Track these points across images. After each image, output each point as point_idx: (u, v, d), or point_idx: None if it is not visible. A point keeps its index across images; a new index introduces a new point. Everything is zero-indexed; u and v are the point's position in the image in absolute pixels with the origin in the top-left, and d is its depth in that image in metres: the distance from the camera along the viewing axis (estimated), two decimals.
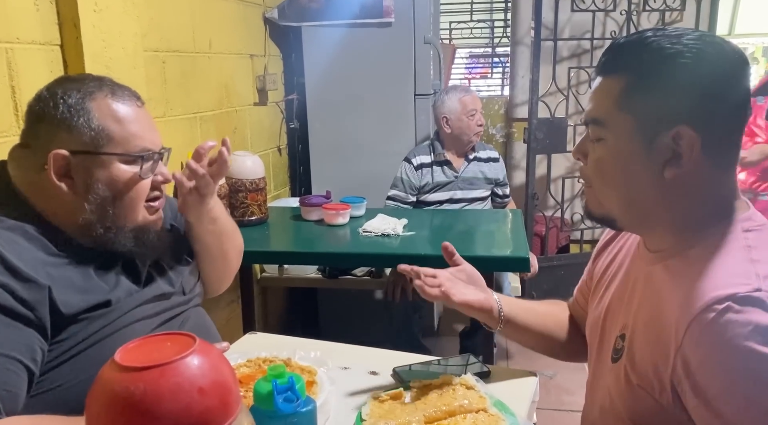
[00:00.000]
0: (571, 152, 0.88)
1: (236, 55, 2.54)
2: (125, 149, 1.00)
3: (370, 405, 0.99)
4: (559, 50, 3.37)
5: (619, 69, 0.78)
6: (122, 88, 1.04)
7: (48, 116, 0.97)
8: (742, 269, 0.71)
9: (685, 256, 0.78)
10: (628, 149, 0.78)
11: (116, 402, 0.53)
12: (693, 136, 0.74)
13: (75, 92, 0.98)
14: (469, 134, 2.62)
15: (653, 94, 0.75)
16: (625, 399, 0.82)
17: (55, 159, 0.95)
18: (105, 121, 0.98)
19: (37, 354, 0.89)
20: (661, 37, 0.76)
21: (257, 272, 2.68)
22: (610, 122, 0.79)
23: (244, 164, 2.23)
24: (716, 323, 0.67)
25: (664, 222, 0.81)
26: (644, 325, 0.80)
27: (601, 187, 0.83)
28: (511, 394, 1.05)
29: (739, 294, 0.68)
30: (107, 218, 1.00)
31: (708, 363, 0.68)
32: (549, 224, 3.36)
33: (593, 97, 0.82)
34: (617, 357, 0.85)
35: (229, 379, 0.58)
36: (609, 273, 0.99)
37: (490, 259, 1.86)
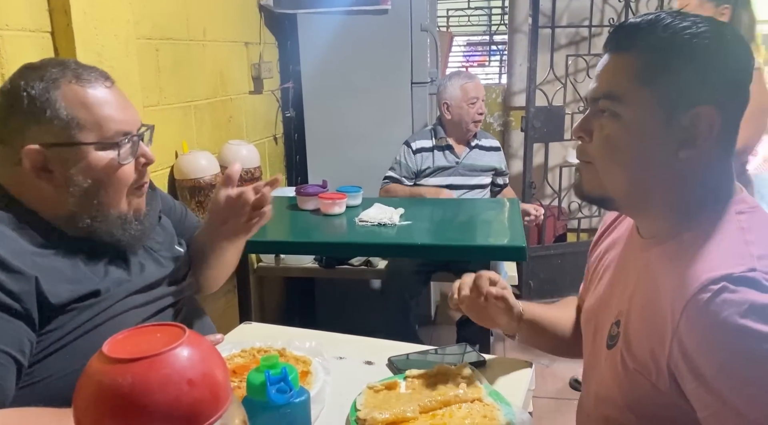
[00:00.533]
0: (572, 130, 0.86)
1: (231, 42, 2.51)
2: (99, 136, 0.96)
3: (364, 395, 0.98)
4: (557, 38, 3.34)
5: (638, 47, 0.77)
6: (87, 70, 0.98)
7: (15, 110, 0.93)
8: (736, 250, 0.72)
9: (680, 240, 0.78)
10: (645, 124, 0.77)
11: (104, 395, 0.52)
12: (714, 117, 0.74)
13: (38, 82, 0.93)
14: (468, 122, 2.62)
15: (677, 71, 0.75)
16: (622, 384, 0.82)
17: (29, 155, 0.92)
18: (73, 109, 0.93)
19: (25, 345, 0.88)
20: (678, 18, 0.76)
21: (254, 262, 2.67)
22: (629, 96, 0.77)
23: (239, 153, 2.23)
24: (712, 303, 0.68)
25: (661, 204, 0.80)
26: (640, 310, 0.80)
27: (608, 165, 0.81)
28: (507, 383, 1.05)
29: (734, 274, 0.68)
30: (92, 208, 0.97)
31: (705, 343, 0.68)
32: (546, 212, 3.35)
33: (604, 73, 0.80)
34: (612, 343, 0.85)
35: (220, 371, 0.57)
36: (603, 263, 0.99)
37: (486, 248, 1.86)
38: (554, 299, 3.61)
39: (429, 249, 1.90)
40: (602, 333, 0.90)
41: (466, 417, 0.93)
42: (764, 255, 0.70)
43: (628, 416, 0.83)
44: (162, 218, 1.23)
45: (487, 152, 2.72)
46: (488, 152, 2.72)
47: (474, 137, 2.70)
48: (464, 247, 1.88)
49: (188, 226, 1.33)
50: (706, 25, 0.75)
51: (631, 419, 0.83)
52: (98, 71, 1.00)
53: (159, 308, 1.08)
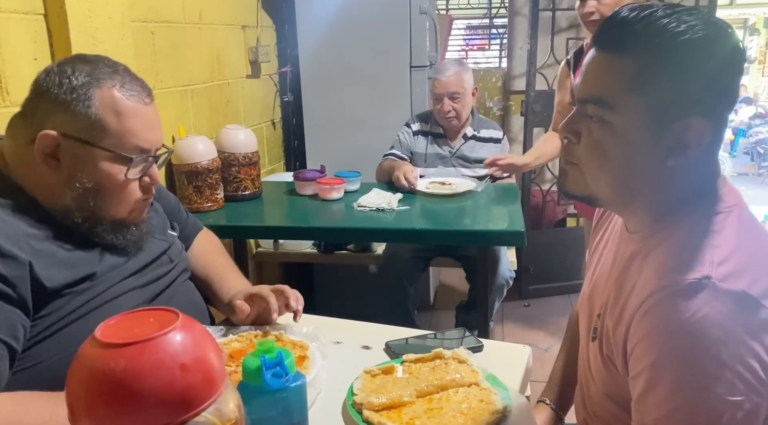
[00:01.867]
0: (559, 128, 0.84)
1: (228, 26, 2.49)
2: (117, 146, 0.96)
3: (361, 380, 0.98)
4: (558, 21, 3.31)
5: (631, 49, 0.73)
6: (134, 82, 0.99)
7: (50, 92, 0.93)
8: (699, 254, 0.72)
9: (659, 238, 0.78)
10: (635, 134, 0.74)
11: (96, 379, 0.52)
12: (705, 128, 0.73)
13: (83, 75, 0.94)
14: (439, 118, 2.52)
15: (670, 81, 0.72)
16: (601, 374, 0.85)
17: (43, 138, 0.92)
18: (104, 112, 0.94)
19: (18, 331, 0.87)
20: (673, 19, 0.72)
21: (252, 247, 2.67)
22: (620, 104, 0.74)
23: (236, 138, 2.21)
24: (660, 305, 0.70)
25: (646, 205, 0.80)
26: (613, 301, 0.82)
27: (594, 170, 0.79)
28: (505, 368, 1.05)
29: (686, 280, 0.69)
30: (87, 209, 0.97)
31: (645, 340, 0.71)
32: (546, 197, 3.34)
33: (594, 74, 0.77)
34: (595, 335, 0.87)
35: (213, 355, 0.57)
36: (598, 251, 0.99)
37: (485, 233, 1.85)
38: (553, 285, 3.62)
39: (428, 234, 1.89)
40: (590, 325, 0.91)
41: (463, 401, 0.93)
42: (725, 260, 0.70)
43: (609, 403, 0.86)
44: (154, 203, 1.22)
45: (485, 144, 2.58)
46: (485, 144, 2.58)
47: (471, 127, 2.58)
48: (463, 232, 1.87)
49: (179, 218, 1.34)
50: (702, 27, 0.71)
51: (612, 406, 0.86)
52: (144, 86, 1.00)
53: (153, 292, 1.08)
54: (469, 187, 2.23)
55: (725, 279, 0.69)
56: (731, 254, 0.71)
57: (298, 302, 1.15)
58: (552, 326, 2.97)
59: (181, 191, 2.04)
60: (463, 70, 2.46)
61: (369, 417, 0.89)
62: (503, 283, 2.43)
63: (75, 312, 0.93)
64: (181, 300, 1.13)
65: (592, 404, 0.91)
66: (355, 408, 0.92)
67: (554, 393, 1.12)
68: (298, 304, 1.15)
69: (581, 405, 0.97)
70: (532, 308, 3.22)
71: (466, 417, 0.89)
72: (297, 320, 1.17)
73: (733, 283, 0.68)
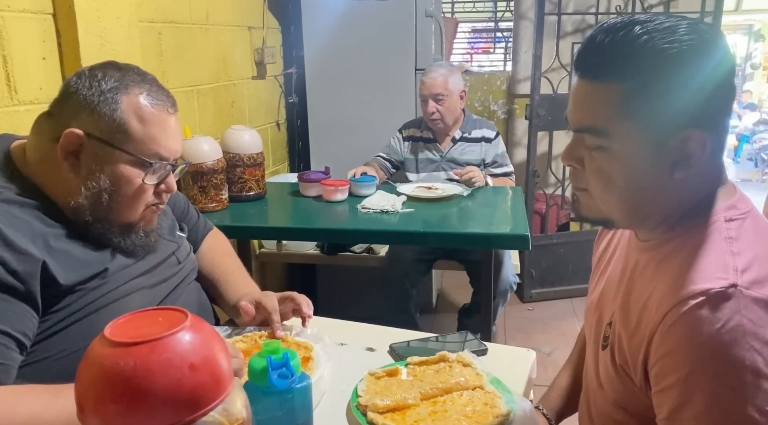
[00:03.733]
0: (561, 157, 0.83)
1: (234, 26, 2.50)
2: (138, 151, 0.98)
3: (366, 381, 0.98)
4: (563, 25, 3.31)
5: (613, 75, 0.72)
6: (161, 92, 1.01)
7: (79, 93, 0.96)
8: (721, 262, 0.70)
9: (671, 246, 0.77)
10: (635, 157, 0.74)
11: (106, 378, 0.52)
12: (703, 137, 0.72)
13: (113, 80, 0.96)
14: (426, 120, 2.51)
15: (659, 99, 0.71)
16: (612, 382, 0.84)
17: (68, 136, 0.94)
18: (128, 116, 0.96)
19: (28, 327, 0.88)
20: (654, 34, 0.70)
21: (256, 247, 2.67)
22: (614, 131, 0.73)
23: (241, 139, 2.21)
24: (688, 317, 0.68)
25: (657, 216, 0.79)
26: (627, 311, 0.81)
27: (602, 194, 0.79)
28: (509, 371, 1.05)
29: (712, 290, 0.68)
30: (99, 209, 0.98)
31: (675, 353, 0.69)
32: (549, 201, 3.34)
33: (584, 103, 0.76)
34: (606, 344, 0.86)
35: (222, 355, 0.57)
36: (606, 256, 0.98)
37: (489, 236, 1.85)
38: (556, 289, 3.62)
39: (432, 237, 1.89)
40: (599, 333, 0.90)
41: (467, 405, 0.93)
42: (748, 267, 0.69)
43: (619, 413, 0.85)
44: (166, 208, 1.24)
45: (476, 144, 2.56)
46: (476, 144, 2.56)
47: (461, 129, 2.56)
48: (467, 235, 1.87)
49: (189, 220, 1.35)
50: (686, 38, 0.69)
51: (624, 416, 0.85)
52: (169, 97, 1.03)
53: (161, 292, 1.08)
54: (455, 191, 2.24)
55: (751, 287, 0.68)
56: (753, 260, 0.70)
57: (310, 308, 1.16)
58: (554, 330, 2.96)
59: (186, 191, 2.04)
60: (449, 72, 2.45)
61: (373, 419, 0.89)
62: (507, 288, 2.43)
63: (84, 309, 0.94)
64: (188, 301, 1.14)
65: (599, 413, 0.90)
66: (359, 410, 0.92)
67: (553, 403, 1.11)
68: (309, 310, 1.16)
69: (586, 414, 0.97)
70: (535, 311, 3.22)
71: (471, 421, 0.89)
72: (305, 325, 1.17)
73: (759, 290, 0.67)
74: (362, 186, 2.20)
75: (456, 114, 2.52)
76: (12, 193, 0.94)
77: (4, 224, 0.88)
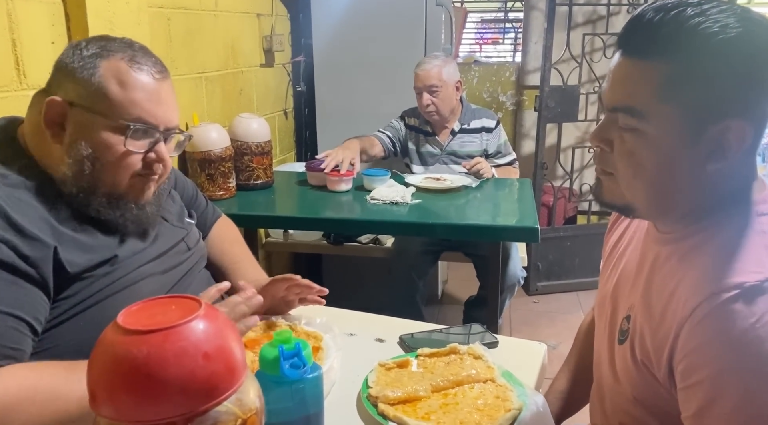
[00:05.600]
0: (589, 137, 0.81)
1: (243, 13, 2.47)
2: (118, 115, 0.94)
3: (376, 373, 0.98)
4: (574, 16, 3.27)
5: (660, 54, 0.69)
6: (147, 57, 0.98)
7: (63, 62, 0.96)
8: (754, 256, 0.68)
9: (697, 239, 0.75)
10: (671, 143, 0.71)
11: (119, 366, 0.51)
12: (745, 129, 0.69)
13: (96, 47, 0.95)
14: (422, 112, 2.48)
15: (703, 85, 0.68)
16: (631, 377, 0.81)
17: (49, 105, 0.93)
18: (107, 80, 0.94)
19: (40, 312, 0.88)
20: (705, 17, 0.67)
21: (262, 236, 2.66)
22: (652, 114, 0.70)
23: (249, 127, 2.20)
24: (721, 310, 0.66)
25: (682, 208, 0.76)
26: (650, 304, 0.78)
27: (631, 179, 0.76)
28: (520, 364, 1.04)
29: (747, 283, 0.66)
30: (82, 178, 0.95)
31: (707, 348, 0.67)
32: (557, 194, 3.32)
33: (623, 81, 0.73)
34: (623, 338, 0.84)
35: (235, 344, 0.56)
36: (619, 248, 0.96)
37: (498, 228, 1.84)
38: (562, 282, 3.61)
39: (440, 228, 1.88)
40: (614, 325, 0.89)
41: (479, 398, 0.92)
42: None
43: (637, 408, 0.83)
44: (171, 191, 1.23)
45: (476, 135, 2.51)
46: (476, 135, 2.51)
47: (459, 121, 2.51)
48: (476, 226, 1.86)
49: (197, 207, 1.34)
50: (737, 24, 0.67)
51: (640, 411, 0.83)
52: (157, 62, 1.00)
53: (171, 278, 1.07)
54: (463, 182, 2.22)
55: None
56: None
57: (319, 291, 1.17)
58: (560, 323, 2.95)
59: (193, 179, 2.03)
60: (443, 63, 2.40)
61: (384, 410, 0.88)
62: (515, 282, 2.42)
63: (94, 296, 0.94)
64: (199, 288, 1.13)
65: (615, 409, 0.88)
66: (370, 401, 0.91)
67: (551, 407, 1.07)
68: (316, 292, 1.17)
69: (599, 410, 0.95)
70: (541, 304, 3.21)
71: (482, 414, 0.88)
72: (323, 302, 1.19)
73: None
74: (374, 180, 2.16)
75: (452, 105, 2.47)
76: (15, 175, 0.92)
77: (12, 209, 0.87)
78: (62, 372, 0.81)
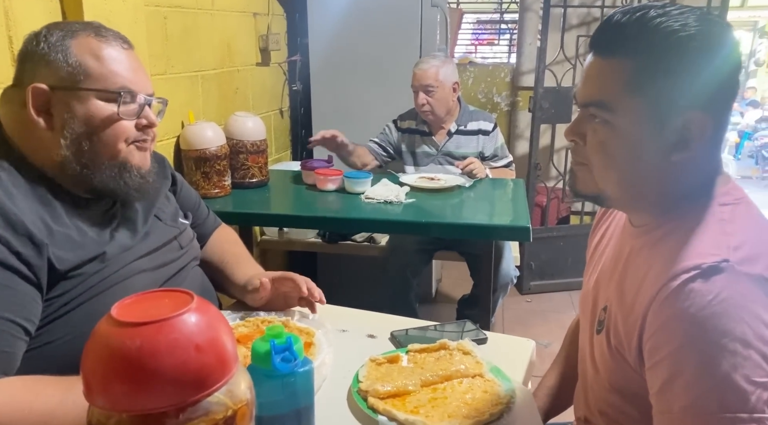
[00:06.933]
0: (564, 132, 0.86)
1: (239, 12, 2.49)
2: (103, 86, 0.98)
3: (367, 367, 0.99)
4: (569, 18, 3.30)
5: (626, 51, 0.75)
6: (109, 31, 1.01)
7: (30, 53, 0.97)
8: (713, 241, 0.73)
9: (664, 230, 0.80)
10: (638, 133, 0.77)
11: (112, 357, 0.52)
12: (705, 121, 0.75)
13: (58, 31, 0.98)
14: (418, 112, 2.48)
15: (667, 79, 0.74)
16: (608, 364, 0.85)
17: (33, 93, 0.94)
18: (83, 57, 0.96)
19: (33, 313, 0.88)
20: (666, 17, 0.73)
21: (257, 235, 2.68)
22: (620, 106, 0.76)
23: (245, 125, 2.21)
24: (680, 291, 0.70)
25: (652, 199, 0.81)
26: (623, 293, 0.83)
27: (602, 168, 0.81)
28: (508, 360, 1.06)
29: (705, 264, 0.70)
30: (82, 155, 0.98)
31: (666, 327, 0.71)
32: (550, 194, 3.34)
33: (594, 78, 0.79)
34: (600, 328, 0.88)
35: (227, 337, 0.58)
36: (600, 247, 1.00)
37: (491, 227, 1.86)
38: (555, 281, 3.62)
39: (434, 227, 1.90)
40: (593, 319, 0.92)
41: (467, 392, 0.94)
42: (740, 246, 0.72)
43: (614, 396, 0.86)
44: (175, 183, 1.27)
45: (472, 137, 2.52)
46: (473, 137, 2.52)
47: (456, 122, 2.51)
48: (469, 225, 1.88)
49: (199, 214, 1.37)
50: (697, 24, 0.73)
51: (617, 398, 0.86)
52: (119, 35, 1.03)
53: (163, 275, 1.08)
54: (457, 182, 2.24)
55: (742, 263, 0.70)
56: (745, 241, 0.72)
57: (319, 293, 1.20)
58: (553, 322, 2.98)
59: (188, 177, 2.04)
60: (441, 63, 2.41)
61: (374, 404, 0.90)
62: (508, 282, 2.44)
63: (86, 293, 0.94)
64: (192, 285, 1.14)
65: (596, 399, 0.91)
66: (360, 395, 0.93)
67: (540, 402, 1.11)
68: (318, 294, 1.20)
69: (582, 402, 0.98)
70: (533, 304, 3.23)
71: (470, 407, 0.89)
72: (315, 311, 1.21)
73: (750, 267, 0.70)
74: (356, 183, 2.15)
75: (448, 106, 2.47)
76: (4, 171, 0.93)
77: (4, 205, 0.87)
78: (59, 391, 0.80)
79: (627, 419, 0.85)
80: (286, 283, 1.20)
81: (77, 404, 0.74)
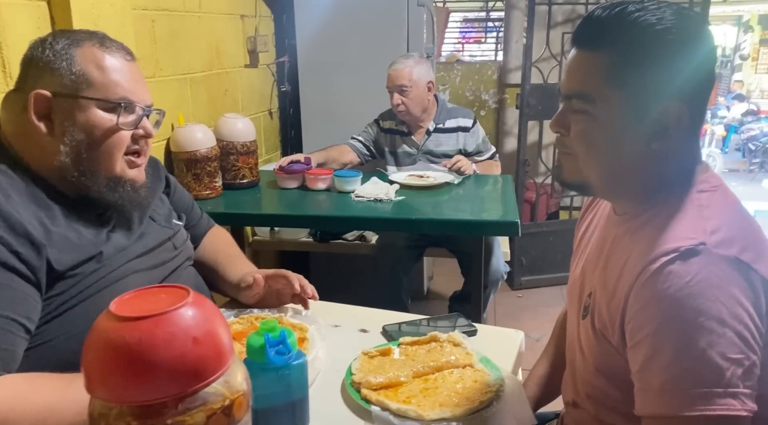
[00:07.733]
0: (549, 124, 0.90)
1: (226, 15, 2.50)
2: (104, 96, 1.00)
3: (359, 360, 1.01)
4: (554, 15, 3.33)
5: (605, 44, 0.79)
6: (113, 42, 1.04)
7: (35, 59, 0.99)
8: (691, 225, 0.76)
9: (645, 217, 0.83)
10: (618, 123, 0.80)
11: (112, 351, 0.54)
12: (681, 110, 0.78)
13: (63, 39, 0.99)
14: (395, 112, 2.50)
15: (644, 70, 0.77)
16: (593, 348, 0.88)
17: (36, 99, 0.96)
18: (86, 66, 0.98)
19: (32, 312, 0.89)
20: (643, 12, 0.77)
21: (249, 235, 2.69)
22: (599, 97, 0.80)
23: (235, 127, 2.23)
24: (659, 273, 0.73)
25: (634, 187, 0.85)
26: (606, 279, 0.86)
27: (585, 157, 0.85)
28: (498, 351, 1.08)
29: (683, 247, 0.73)
30: (81, 162, 1.00)
31: (646, 308, 0.74)
32: (539, 190, 3.38)
33: (574, 70, 0.83)
34: (586, 313, 0.91)
35: (223, 330, 0.60)
36: (586, 236, 1.03)
37: (480, 223, 1.88)
38: (545, 276, 3.65)
39: (424, 224, 1.92)
40: (580, 305, 0.95)
41: (458, 382, 0.96)
42: (717, 230, 0.75)
43: (600, 380, 0.89)
44: (168, 184, 1.29)
45: (452, 135, 2.52)
46: (452, 134, 2.52)
47: (434, 120, 2.51)
48: (459, 221, 1.90)
49: (193, 216, 1.39)
50: (673, 18, 0.76)
51: (602, 381, 0.89)
52: (123, 46, 1.05)
53: (158, 275, 1.10)
54: (446, 179, 2.27)
55: (719, 246, 0.73)
56: (721, 225, 0.76)
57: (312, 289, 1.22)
58: (543, 316, 3.01)
59: (180, 179, 2.05)
60: (415, 63, 2.42)
61: (367, 395, 0.92)
62: (498, 278, 2.46)
63: (83, 292, 0.96)
64: (186, 284, 1.14)
65: (583, 383, 0.94)
66: (353, 387, 0.95)
67: (530, 392, 1.13)
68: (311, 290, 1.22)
69: (570, 387, 1.00)
70: (524, 298, 3.27)
71: (461, 396, 0.92)
72: (308, 307, 1.23)
73: (726, 250, 0.73)
74: (345, 182, 2.17)
75: (423, 105, 2.48)
76: (3, 174, 0.94)
77: (3, 207, 0.88)
78: (59, 387, 0.81)
79: (611, 400, 0.88)
80: (279, 280, 1.22)
81: (77, 399, 0.75)
